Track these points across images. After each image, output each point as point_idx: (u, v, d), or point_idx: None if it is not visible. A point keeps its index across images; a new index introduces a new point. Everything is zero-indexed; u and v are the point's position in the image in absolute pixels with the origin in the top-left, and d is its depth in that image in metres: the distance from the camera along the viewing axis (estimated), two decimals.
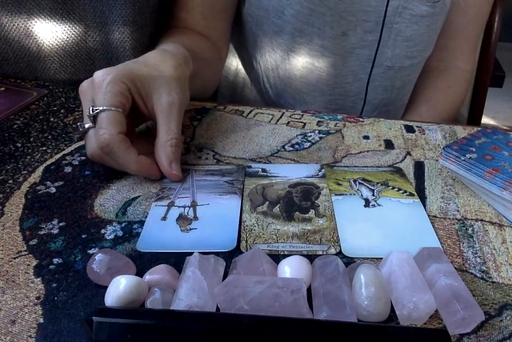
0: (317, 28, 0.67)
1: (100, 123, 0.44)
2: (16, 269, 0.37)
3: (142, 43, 0.68)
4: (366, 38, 0.69)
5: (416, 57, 0.73)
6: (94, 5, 0.63)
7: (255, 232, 0.41)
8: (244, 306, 0.31)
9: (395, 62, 0.72)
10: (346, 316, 0.31)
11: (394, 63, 0.72)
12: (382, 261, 0.37)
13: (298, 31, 0.68)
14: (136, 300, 0.33)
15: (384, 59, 0.71)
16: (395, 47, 0.70)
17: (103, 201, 0.45)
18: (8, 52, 0.65)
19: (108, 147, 0.43)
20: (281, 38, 0.70)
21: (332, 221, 0.42)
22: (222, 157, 0.52)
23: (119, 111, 0.45)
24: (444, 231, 0.42)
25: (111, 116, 0.44)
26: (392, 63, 0.72)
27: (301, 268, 0.35)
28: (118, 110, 0.45)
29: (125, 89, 0.46)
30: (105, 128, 0.43)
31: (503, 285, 0.37)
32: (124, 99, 0.45)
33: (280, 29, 0.69)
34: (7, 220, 0.42)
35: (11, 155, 0.51)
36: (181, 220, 0.42)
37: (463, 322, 0.32)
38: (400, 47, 0.70)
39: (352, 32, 0.68)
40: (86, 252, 0.39)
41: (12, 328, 0.33)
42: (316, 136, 0.56)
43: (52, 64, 0.66)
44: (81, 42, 0.66)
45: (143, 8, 0.65)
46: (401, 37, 0.69)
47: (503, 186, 0.42)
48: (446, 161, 0.47)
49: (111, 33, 0.65)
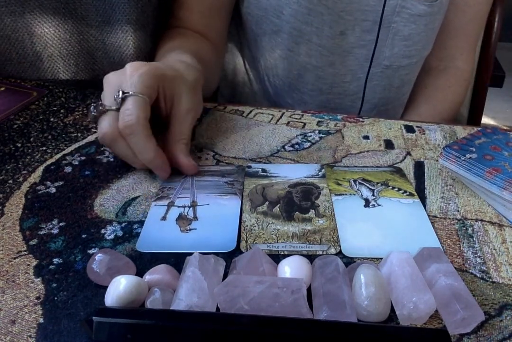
0: (315, 28, 0.68)
1: (128, 105, 0.44)
2: (16, 269, 0.37)
3: (144, 42, 0.68)
4: (364, 38, 0.69)
5: (414, 56, 0.73)
6: (96, 4, 0.63)
7: (255, 232, 0.41)
8: (244, 306, 0.31)
9: (393, 62, 0.72)
10: (346, 316, 0.31)
11: (392, 62, 0.72)
12: (382, 261, 0.37)
13: (297, 30, 0.69)
14: (136, 300, 0.33)
15: (382, 58, 0.71)
16: (393, 46, 0.70)
17: (103, 201, 0.45)
18: (11, 52, 0.65)
19: (131, 129, 0.43)
20: (280, 38, 0.70)
21: (332, 221, 0.42)
22: (222, 158, 0.52)
23: (147, 100, 0.45)
24: (444, 231, 0.42)
25: (140, 101, 0.45)
26: (390, 62, 0.72)
27: (301, 268, 0.35)
28: (146, 99, 0.45)
29: (154, 85, 0.47)
30: (132, 110, 0.44)
31: (503, 285, 0.37)
32: (152, 93, 0.46)
33: (278, 29, 0.70)
34: (7, 220, 0.42)
35: (11, 155, 0.51)
36: (181, 220, 0.42)
37: (463, 322, 0.32)
38: (398, 46, 0.70)
39: (350, 31, 0.68)
40: (86, 252, 0.39)
41: (12, 328, 0.33)
42: (316, 136, 0.56)
43: (55, 64, 0.66)
44: (83, 42, 0.66)
45: (146, 7, 0.65)
46: (399, 37, 0.69)
47: (503, 186, 0.42)
48: (446, 161, 0.47)
49: (113, 32, 0.65)
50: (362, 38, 0.69)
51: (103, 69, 0.68)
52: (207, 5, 0.69)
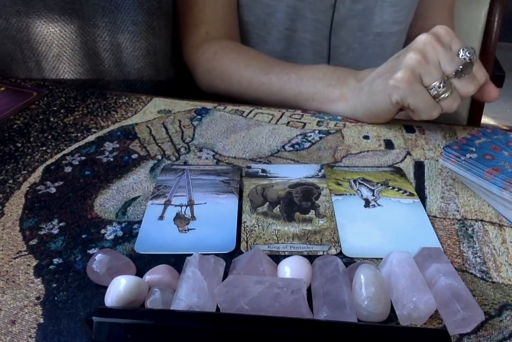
0: (308, 3, 0.71)
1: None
2: (16, 269, 0.37)
3: (152, 44, 0.68)
4: (354, 8, 0.72)
5: (403, 22, 0.76)
6: (103, 5, 0.63)
7: (256, 233, 0.41)
8: (244, 306, 0.31)
9: (384, 28, 0.75)
10: (346, 316, 0.31)
11: (383, 29, 0.75)
12: (382, 261, 0.37)
13: (292, 8, 0.71)
14: (136, 300, 0.33)
15: (374, 26, 0.74)
16: (383, 13, 0.73)
17: (103, 201, 0.45)
18: (16, 52, 0.65)
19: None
20: (275, 19, 0.72)
21: (332, 221, 0.42)
22: (222, 157, 0.52)
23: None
24: (444, 231, 0.42)
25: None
26: (381, 29, 0.75)
27: (301, 268, 0.35)
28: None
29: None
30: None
31: (503, 285, 0.37)
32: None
33: (273, 10, 0.72)
34: (7, 220, 0.42)
35: (11, 155, 0.51)
36: (179, 219, 0.42)
37: (463, 322, 0.32)
38: (387, 13, 0.73)
39: (340, 3, 0.71)
40: (86, 252, 0.39)
41: (12, 328, 0.33)
42: (316, 136, 0.56)
43: (61, 64, 0.66)
44: (90, 42, 0.66)
45: (152, 9, 0.65)
46: (387, 3, 0.72)
47: (503, 185, 0.42)
48: (446, 161, 0.47)
49: (120, 32, 0.65)
50: (352, 9, 0.72)
51: (110, 70, 0.68)
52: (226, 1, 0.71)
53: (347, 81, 0.58)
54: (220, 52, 0.68)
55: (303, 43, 0.75)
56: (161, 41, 0.69)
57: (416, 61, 0.49)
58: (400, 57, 0.51)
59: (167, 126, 0.57)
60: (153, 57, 0.69)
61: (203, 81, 0.72)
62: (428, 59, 0.49)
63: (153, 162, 0.50)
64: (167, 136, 0.55)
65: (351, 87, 0.57)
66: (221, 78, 0.68)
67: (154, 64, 0.70)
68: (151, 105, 0.62)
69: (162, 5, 0.66)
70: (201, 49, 0.70)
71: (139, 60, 0.68)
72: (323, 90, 0.59)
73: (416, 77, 0.49)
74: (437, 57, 0.49)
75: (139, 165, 0.50)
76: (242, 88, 0.65)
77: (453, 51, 0.50)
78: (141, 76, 0.69)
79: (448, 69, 0.49)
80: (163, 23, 0.68)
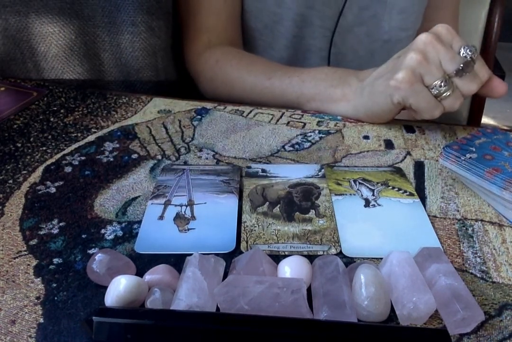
0: (317, 11, 0.70)
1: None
2: (16, 269, 0.37)
3: (152, 44, 0.67)
4: (362, 15, 0.72)
5: (410, 28, 0.76)
6: (102, 5, 0.63)
7: (256, 233, 0.41)
8: (244, 306, 0.31)
9: (392, 35, 0.75)
10: (346, 316, 0.31)
11: (391, 36, 0.75)
12: (382, 261, 0.37)
13: (300, 15, 0.70)
14: (136, 300, 0.33)
15: (382, 33, 0.74)
16: (391, 20, 0.73)
17: (103, 201, 0.45)
18: (16, 52, 0.65)
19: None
20: (282, 26, 0.72)
21: (332, 221, 0.42)
22: (222, 157, 0.52)
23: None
24: (444, 231, 0.42)
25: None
26: (389, 36, 0.75)
27: (301, 268, 0.35)
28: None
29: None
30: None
31: (503, 285, 0.37)
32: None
33: (280, 17, 0.71)
34: (7, 220, 0.42)
35: (11, 155, 0.51)
36: (179, 219, 0.42)
37: (463, 322, 0.32)
38: (395, 20, 0.73)
39: (348, 10, 0.71)
40: (86, 252, 0.39)
41: (12, 328, 0.33)
42: (316, 136, 0.56)
43: (60, 64, 0.66)
44: (90, 42, 0.66)
45: (152, 9, 0.65)
46: (395, 10, 0.72)
47: (503, 185, 0.42)
48: (446, 161, 0.47)
49: (120, 33, 0.65)
50: (360, 16, 0.72)
51: (109, 70, 0.68)
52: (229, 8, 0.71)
53: (349, 82, 0.58)
54: (222, 59, 0.68)
55: (311, 49, 0.74)
56: (161, 41, 0.69)
57: (417, 61, 0.49)
58: (401, 57, 0.51)
59: (167, 126, 0.57)
60: (153, 57, 0.69)
61: (207, 90, 0.71)
62: (428, 58, 0.49)
63: (153, 162, 0.51)
64: (167, 136, 0.55)
65: (353, 87, 0.57)
66: (224, 86, 0.68)
67: (154, 64, 0.70)
68: (151, 105, 0.62)
69: (162, 5, 0.66)
70: (203, 57, 0.70)
71: (138, 60, 0.68)
72: (325, 90, 0.59)
73: (417, 77, 0.49)
74: (438, 56, 0.49)
75: (139, 165, 0.50)
76: (245, 93, 0.66)
77: (454, 50, 0.49)
78: (140, 77, 0.69)
79: (449, 68, 0.49)
80: (162, 23, 0.68)
